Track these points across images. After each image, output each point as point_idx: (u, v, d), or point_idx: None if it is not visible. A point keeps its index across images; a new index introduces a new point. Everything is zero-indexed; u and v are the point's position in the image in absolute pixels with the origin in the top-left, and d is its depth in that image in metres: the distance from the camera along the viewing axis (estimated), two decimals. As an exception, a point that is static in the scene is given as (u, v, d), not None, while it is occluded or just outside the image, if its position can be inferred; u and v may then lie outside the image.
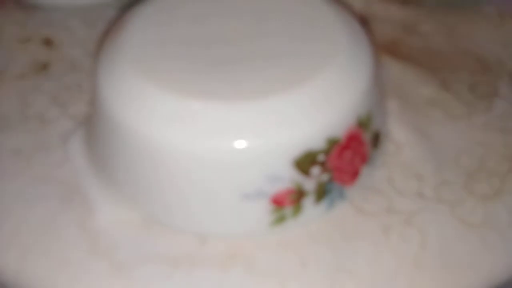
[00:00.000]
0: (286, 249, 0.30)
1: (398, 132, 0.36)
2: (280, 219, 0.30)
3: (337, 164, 0.30)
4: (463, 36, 0.46)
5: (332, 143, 0.29)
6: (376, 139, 0.33)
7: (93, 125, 0.34)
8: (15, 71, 0.43)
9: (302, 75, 0.29)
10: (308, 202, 0.30)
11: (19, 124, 0.38)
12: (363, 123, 0.30)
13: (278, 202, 0.29)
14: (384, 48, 0.44)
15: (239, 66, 0.29)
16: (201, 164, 0.27)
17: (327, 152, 0.29)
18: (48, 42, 0.46)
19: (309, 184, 0.29)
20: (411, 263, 0.29)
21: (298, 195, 0.29)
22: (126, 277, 0.29)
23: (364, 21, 0.47)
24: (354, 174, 0.31)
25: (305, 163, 0.28)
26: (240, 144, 0.27)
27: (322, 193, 0.30)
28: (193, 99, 0.27)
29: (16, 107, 0.39)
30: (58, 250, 0.30)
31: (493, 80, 0.41)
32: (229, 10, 0.34)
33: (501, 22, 0.47)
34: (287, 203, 0.29)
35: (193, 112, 0.27)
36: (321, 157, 0.29)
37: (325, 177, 0.30)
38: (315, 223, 0.31)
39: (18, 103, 0.40)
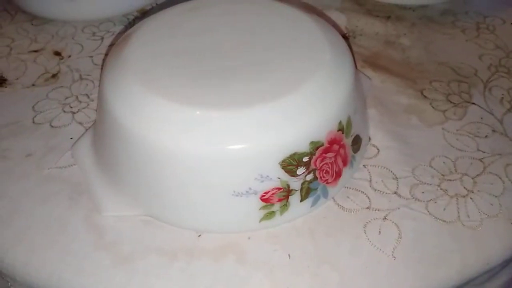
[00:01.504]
0: (274, 242, 0.32)
1: (377, 137, 0.38)
2: (268, 215, 0.32)
3: (321, 165, 0.32)
4: (440, 49, 0.48)
5: (316, 146, 0.31)
6: (357, 143, 0.35)
7: (98, 130, 0.36)
8: (27, 80, 0.45)
9: (288, 85, 0.31)
10: (294, 200, 0.32)
11: (30, 129, 0.40)
12: (343, 129, 0.32)
13: (267, 199, 0.31)
14: (367, 60, 0.46)
15: (233, 77, 0.32)
16: (196, 165, 0.29)
17: (311, 154, 0.31)
18: (57, 54, 0.48)
19: (295, 183, 0.31)
20: (388, 256, 0.31)
21: (285, 193, 0.31)
22: (128, 268, 0.31)
23: (345, 37, 0.49)
24: (337, 175, 0.33)
25: (291, 164, 0.30)
26: (232, 147, 0.29)
27: (307, 191, 0.32)
28: (191, 107, 0.29)
29: (27, 114, 0.41)
30: (64, 244, 0.32)
31: (467, 89, 0.43)
32: (225, 26, 0.36)
33: (477, 34, 0.50)
34: (275, 200, 0.31)
35: (191, 119, 0.29)
36: (305, 159, 0.31)
37: (309, 177, 0.32)
38: (301, 219, 0.33)
39: (29, 110, 0.42)
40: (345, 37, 0.49)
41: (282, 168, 0.30)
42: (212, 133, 0.29)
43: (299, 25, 0.36)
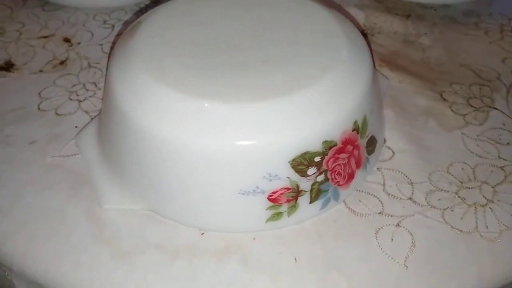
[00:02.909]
0: (280, 244, 0.30)
1: (393, 140, 0.37)
2: (276, 216, 0.30)
3: (333, 166, 0.30)
4: (461, 50, 0.46)
5: (328, 146, 0.29)
6: (372, 145, 0.33)
7: (104, 119, 0.34)
8: (35, 66, 0.44)
9: (302, 81, 0.29)
10: (303, 201, 0.30)
11: (35, 116, 0.39)
12: (358, 129, 0.30)
13: (274, 199, 0.29)
14: (384, 59, 0.44)
15: (244, 70, 0.30)
16: (203, 160, 0.28)
17: (323, 154, 0.29)
18: (67, 41, 0.47)
19: (305, 184, 0.30)
20: (400, 265, 0.29)
21: (294, 194, 0.30)
22: (127, 264, 0.30)
23: (364, 34, 0.47)
24: (349, 177, 0.32)
25: (302, 164, 0.29)
26: (241, 143, 0.27)
27: (317, 193, 0.30)
28: (199, 99, 0.28)
29: (33, 100, 0.40)
30: (64, 235, 0.31)
31: (489, 93, 0.41)
32: (239, 17, 0.34)
33: (500, 37, 0.48)
34: (284, 201, 0.30)
35: (199, 111, 0.28)
36: (317, 159, 0.29)
37: (320, 178, 0.30)
38: (309, 221, 0.31)
39: (36, 96, 0.41)
40: (364, 34, 0.47)
41: (292, 167, 0.28)
42: (220, 127, 0.27)
43: (317, 19, 0.34)
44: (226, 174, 0.28)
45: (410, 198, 0.33)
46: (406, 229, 0.31)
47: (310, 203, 0.31)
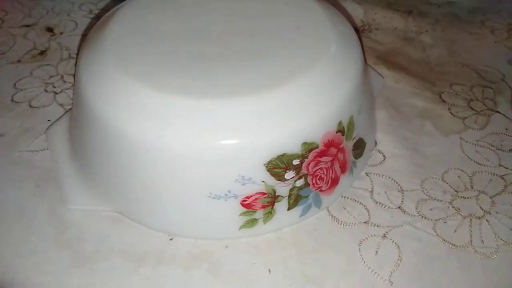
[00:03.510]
0: (254, 254, 0.28)
1: (385, 143, 0.34)
2: (250, 223, 0.28)
3: (314, 170, 0.27)
4: (465, 49, 0.43)
5: (309, 148, 0.26)
6: (359, 148, 0.31)
7: (74, 114, 0.32)
8: (13, 55, 0.42)
9: (282, 76, 0.26)
10: (281, 207, 0.28)
11: (8, 107, 0.37)
12: (343, 130, 0.28)
13: (248, 205, 0.27)
14: (381, 57, 0.42)
15: (220, 64, 0.27)
16: (170, 160, 0.26)
17: (302, 157, 0.26)
18: (49, 30, 0.45)
19: (283, 189, 0.27)
20: (384, 281, 0.27)
21: (270, 199, 0.27)
22: (88, 270, 0.27)
23: (357, 29, 0.45)
24: (332, 182, 0.29)
25: (278, 167, 0.26)
26: (209, 142, 0.25)
27: (296, 199, 0.28)
28: (166, 95, 0.26)
29: (7, 91, 0.38)
30: (24, 236, 0.29)
31: (492, 96, 0.38)
32: (221, 7, 0.32)
33: (507, 36, 0.44)
34: (258, 206, 0.27)
35: (166, 108, 0.25)
36: (296, 162, 0.26)
37: (300, 183, 0.27)
38: (288, 230, 0.29)
39: (10, 87, 0.39)
40: (356, 29, 0.44)
41: (268, 170, 0.26)
42: (187, 125, 0.25)
43: (306, 11, 0.32)
44: (195, 176, 0.26)
45: (399, 207, 0.30)
46: (393, 241, 0.28)
47: (289, 209, 0.28)
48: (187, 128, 0.25)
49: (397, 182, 0.31)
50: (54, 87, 0.39)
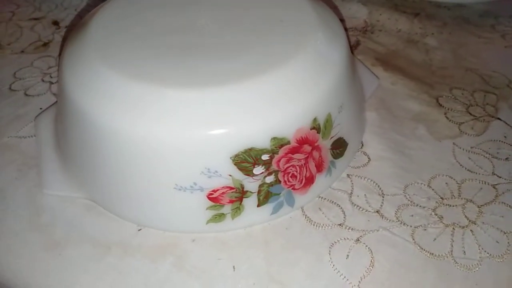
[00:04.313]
0: (220, 250, 0.27)
1: (372, 145, 0.33)
2: (217, 217, 0.27)
3: (285, 167, 0.27)
4: (471, 53, 0.41)
5: (279, 143, 0.25)
6: (340, 148, 0.29)
7: (58, 103, 0.33)
8: (18, 46, 0.43)
9: (257, 68, 0.26)
10: (250, 203, 0.27)
11: (4, 95, 0.38)
12: (319, 128, 0.27)
13: (215, 199, 0.26)
14: (380, 58, 0.40)
15: (197, 55, 0.27)
16: (136, 148, 0.25)
17: (272, 152, 0.26)
18: (55, 24, 0.46)
19: (251, 185, 0.26)
20: (353, 286, 0.25)
21: (238, 195, 0.26)
22: (57, 255, 0.27)
23: (342, 20, 0.43)
24: (307, 181, 0.28)
25: (246, 161, 0.25)
26: (174, 132, 0.24)
27: (266, 195, 0.27)
28: (134, 82, 0.25)
29: (6, 80, 0.39)
30: (2, 218, 0.29)
31: (495, 101, 0.36)
32: (204, 2, 0.31)
33: (518, 42, 0.42)
34: (226, 201, 0.26)
35: (133, 96, 0.25)
36: (265, 157, 0.26)
37: (270, 179, 0.26)
38: (258, 227, 0.28)
39: (10, 76, 0.40)
40: (345, 29, 0.43)
41: (235, 164, 0.25)
42: (153, 114, 0.25)
43: (292, 5, 0.31)
44: (160, 166, 0.25)
45: (377, 211, 0.29)
46: (366, 245, 0.27)
47: (258, 206, 0.27)
48: (153, 117, 0.25)
49: (378, 186, 0.30)
50: (51, 77, 0.40)
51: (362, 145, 0.33)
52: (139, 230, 0.28)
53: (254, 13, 0.30)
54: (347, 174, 0.31)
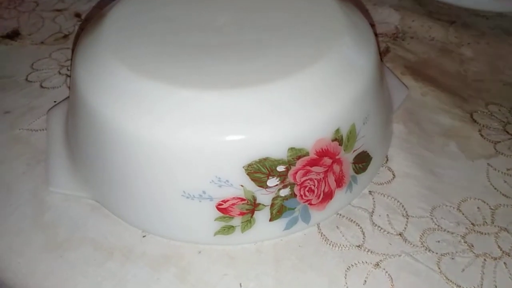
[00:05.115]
0: (227, 264, 0.25)
1: (398, 160, 0.30)
2: (226, 230, 0.25)
3: (302, 180, 0.24)
4: (509, 66, 0.37)
5: (297, 154, 0.23)
6: (363, 162, 0.27)
7: (70, 98, 0.31)
8: (38, 37, 0.42)
9: (276, 71, 0.24)
10: (261, 217, 0.25)
11: (20, 86, 0.37)
12: (341, 139, 0.24)
13: (224, 210, 0.24)
14: (410, 66, 0.37)
15: (214, 56, 0.25)
16: (144, 151, 0.24)
17: (289, 163, 0.23)
18: (77, 16, 0.45)
19: (264, 197, 0.24)
20: (370, 315, 0.23)
21: (249, 207, 0.24)
22: (58, 256, 0.26)
23: (373, 25, 0.41)
24: (325, 196, 0.26)
25: (260, 171, 0.23)
26: (184, 137, 0.22)
27: (279, 209, 0.25)
28: (149, 82, 0.24)
29: (24, 70, 0.38)
30: (6, 214, 0.28)
31: (536, 121, 0.33)
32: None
33: None
34: (236, 213, 0.24)
35: (146, 96, 0.23)
36: (281, 169, 0.23)
37: (285, 192, 0.24)
38: (269, 242, 0.26)
39: (28, 67, 0.39)
40: (376, 34, 0.40)
41: (248, 174, 0.23)
42: (163, 115, 0.23)
43: (317, 3, 0.29)
44: (168, 171, 0.24)
45: (400, 234, 0.26)
46: (386, 271, 0.24)
47: (271, 220, 0.25)
48: (163, 118, 0.23)
49: (403, 206, 0.27)
50: (68, 70, 0.38)
51: (387, 159, 0.30)
52: (143, 236, 0.26)
53: (278, 13, 0.28)
54: (369, 191, 0.28)
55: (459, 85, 0.36)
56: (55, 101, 0.35)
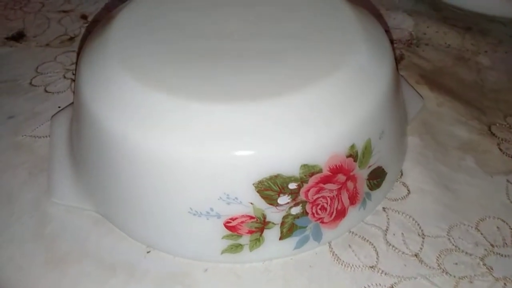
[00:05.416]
0: (234, 283, 0.24)
1: (413, 175, 0.29)
2: (234, 248, 0.24)
3: (314, 198, 0.23)
4: (530, 77, 0.36)
5: (310, 171, 0.22)
6: (378, 178, 0.26)
7: (74, 106, 0.30)
8: (43, 39, 0.41)
9: (288, 83, 0.23)
10: (271, 235, 0.24)
11: (24, 90, 0.36)
12: (356, 155, 0.23)
13: (233, 228, 0.23)
14: (426, 75, 0.36)
15: (225, 66, 0.24)
16: (150, 165, 0.22)
17: (301, 181, 0.22)
18: (83, 17, 0.44)
19: (275, 215, 0.23)
20: None
21: (259, 225, 0.23)
22: (58, 272, 0.25)
23: (388, 31, 0.39)
24: (338, 214, 0.25)
25: (270, 189, 0.22)
26: (191, 152, 0.21)
27: (290, 228, 0.24)
28: (155, 93, 0.22)
29: (28, 73, 0.37)
30: (8, 225, 0.27)
31: (557, 135, 0.31)
32: (234, 5, 0.28)
33: None
34: (245, 231, 0.23)
35: (153, 108, 0.22)
36: (292, 186, 0.22)
37: (296, 210, 0.23)
38: (278, 261, 0.25)
39: (32, 70, 0.38)
40: (392, 41, 0.39)
41: (258, 192, 0.22)
42: (170, 128, 0.22)
43: (332, 11, 0.27)
44: (174, 187, 0.23)
45: (416, 255, 0.25)
46: (402, 295, 0.23)
47: (281, 239, 0.24)
48: (170, 131, 0.22)
49: (418, 224, 0.26)
50: (73, 74, 0.37)
51: (402, 174, 0.29)
52: (148, 252, 0.25)
53: (291, 21, 0.27)
54: (383, 207, 0.27)
55: (476, 96, 0.35)
56: (59, 107, 0.34)
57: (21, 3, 0.46)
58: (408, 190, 0.28)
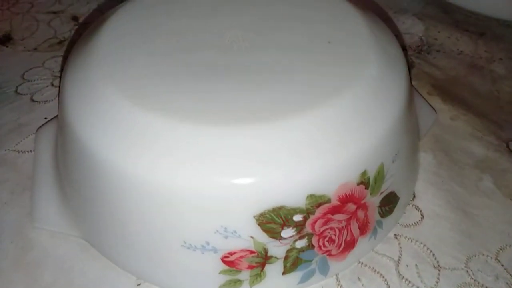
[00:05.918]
0: (232, 324, 0.22)
1: (427, 198, 0.26)
2: (232, 283, 0.22)
3: (321, 230, 0.21)
4: (549, 88, 0.34)
5: (317, 202, 0.20)
6: (389, 204, 0.23)
7: (59, 123, 0.28)
8: (31, 42, 0.39)
9: (293, 104, 0.20)
10: (273, 270, 0.21)
11: (9, 99, 0.33)
12: (368, 182, 0.21)
13: (231, 263, 0.21)
14: (438, 85, 0.34)
15: (217, 81, 0.21)
16: (141, 192, 0.20)
17: (307, 212, 0.20)
18: (74, 19, 0.42)
19: (278, 249, 0.21)
20: None
21: (260, 260, 0.21)
22: (41, 305, 0.23)
23: (404, 48, 0.37)
24: (347, 246, 0.22)
25: (273, 221, 0.20)
26: (188, 179, 0.19)
27: (294, 262, 0.21)
28: (146, 114, 0.20)
29: (14, 80, 0.35)
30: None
31: None
32: (238, 11, 0.26)
33: None
34: (244, 266, 0.21)
35: (143, 130, 0.20)
36: (298, 218, 0.20)
37: (301, 243, 0.21)
38: (281, 298, 0.22)
39: (18, 76, 0.35)
40: (404, 49, 0.36)
41: (259, 224, 0.20)
42: (162, 153, 0.19)
43: (341, 20, 0.25)
44: (166, 218, 0.20)
45: (431, 290, 0.23)
46: (417, 337, 0.21)
47: (284, 274, 0.22)
48: (161, 156, 0.19)
49: (434, 254, 0.24)
50: (62, 81, 0.35)
51: (414, 196, 0.26)
52: (138, 285, 0.23)
53: (295, 31, 0.24)
54: (395, 234, 0.25)
55: (492, 108, 0.32)
56: (45, 118, 0.32)
57: (9, 3, 0.43)
58: (422, 215, 0.26)
